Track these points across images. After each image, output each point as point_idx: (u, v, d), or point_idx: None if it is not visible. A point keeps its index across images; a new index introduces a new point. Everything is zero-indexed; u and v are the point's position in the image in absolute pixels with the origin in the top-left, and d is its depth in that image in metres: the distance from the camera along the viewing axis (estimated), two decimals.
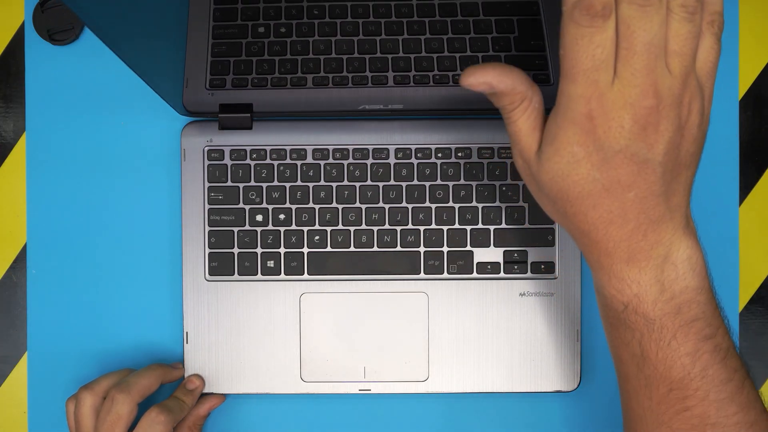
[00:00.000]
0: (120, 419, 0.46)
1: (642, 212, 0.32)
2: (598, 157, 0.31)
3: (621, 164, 0.31)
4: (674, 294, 0.34)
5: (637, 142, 0.31)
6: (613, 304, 0.35)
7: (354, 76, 0.49)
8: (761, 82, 0.53)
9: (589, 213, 0.33)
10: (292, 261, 0.51)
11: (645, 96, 0.30)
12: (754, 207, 0.53)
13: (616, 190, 0.32)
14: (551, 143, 0.32)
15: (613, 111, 0.30)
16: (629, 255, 0.33)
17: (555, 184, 0.33)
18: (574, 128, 0.31)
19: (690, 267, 0.34)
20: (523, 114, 0.34)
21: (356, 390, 0.51)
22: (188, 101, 0.50)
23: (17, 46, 0.54)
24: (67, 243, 0.53)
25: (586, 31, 0.29)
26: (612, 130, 0.30)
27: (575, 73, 0.30)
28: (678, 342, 0.34)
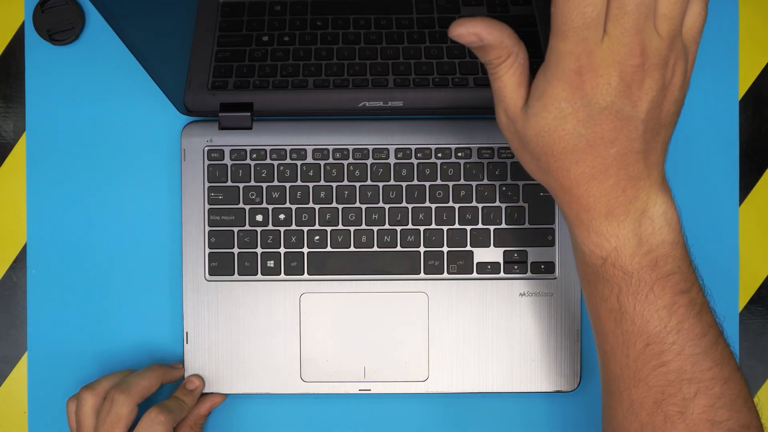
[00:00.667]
0: (120, 420, 0.46)
1: (622, 168, 0.33)
2: (585, 113, 0.32)
3: (605, 120, 0.32)
4: (651, 247, 0.35)
5: (622, 99, 0.31)
6: (591, 259, 0.36)
7: (354, 79, 0.49)
8: (761, 82, 0.53)
9: (572, 168, 0.34)
10: (292, 261, 0.51)
11: (633, 55, 0.30)
12: (754, 207, 0.53)
13: (599, 146, 0.33)
14: (539, 99, 0.33)
15: (602, 68, 0.31)
16: (608, 210, 0.34)
17: (540, 139, 0.34)
18: (562, 84, 0.32)
19: (666, 221, 0.35)
20: (509, 69, 0.34)
21: (356, 390, 0.51)
22: (189, 100, 0.50)
23: (17, 46, 0.54)
24: (67, 243, 0.53)
25: None
26: (599, 87, 0.31)
27: (565, 30, 0.30)
28: (655, 295, 0.35)
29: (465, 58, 0.49)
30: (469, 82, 0.49)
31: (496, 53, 0.33)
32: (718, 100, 0.53)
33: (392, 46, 0.49)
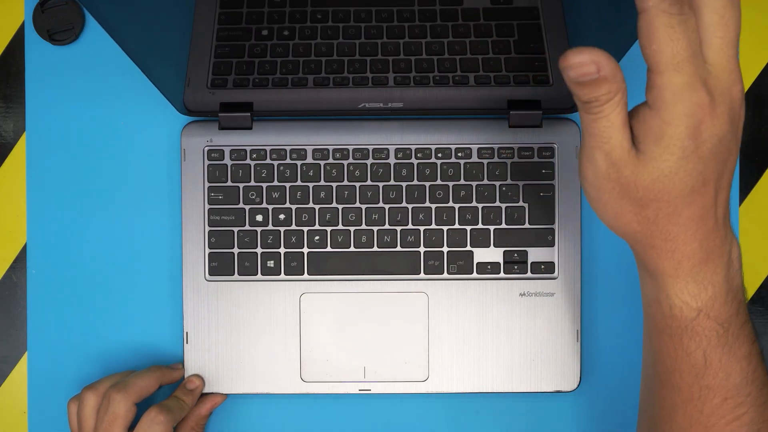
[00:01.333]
0: (117, 418, 0.46)
1: (720, 206, 0.33)
2: (706, 148, 0.31)
3: (720, 153, 0.31)
4: (735, 293, 0.34)
5: (732, 127, 0.31)
6: (683, 312, 0.34)
7: (355, 77, 0.49)
8: (761, 82, 0.53)
9: (684, 211, 0.32)
10: (292, 261, 0.51)
11: (736, 81, 0.30)
12: (754, 207, 0.53)
13: (710, 182, 0.32)
14: (657, 142, 0.31)
15: (719, 96, 0.30)
16: (707, 254, 0.33)
17: (658, 185, 0.32)
18: (686, 121, 0.30)
19: (740, 265, 0.34)
20: (618, 106, 0.31)
21: (356, 390, 0.51)
22: (189, 99, 0.50)
23: (17, 46, 0.54)
24: (67, 243, 0.53)
25: (676, 19, 0.29)
26: (720, 116, 0.30)
27: (678, 62, 0.29)
28: (738, 344, 0.34)
29: (466, 55, 0.49)
30: (470, 81, 0.49)
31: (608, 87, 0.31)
32: None
33: (393, 41, 0.49)
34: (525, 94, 0.49)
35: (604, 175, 0.33)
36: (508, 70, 0.48)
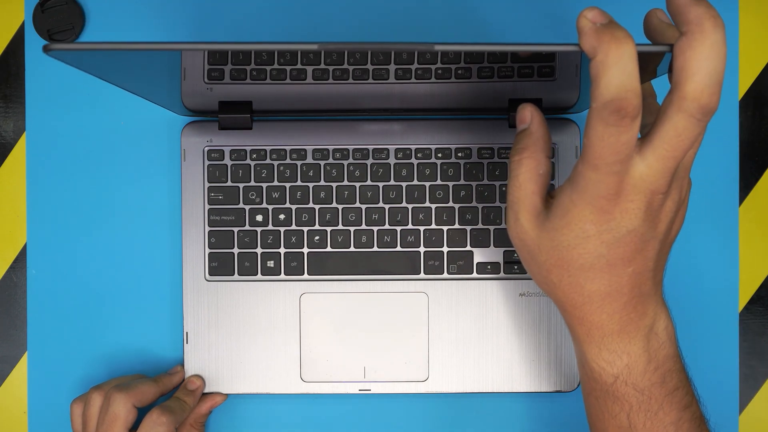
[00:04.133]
0: (117, 418, 0.46)
1: (636, 286, 0.33)
2: (610, 236, 0.32)
3: (629, 243, 0.32)
4: (659, 363, 0.35)
5: (646, 222, 0.31)
6: (602, 377, 0.35)
7: (355, 70, 0.49)
8: (761, 82, 0.53)
9: (586, 285, 0.33)
10: (292, 261, 0.51)
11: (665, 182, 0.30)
12: (754, 207, 0.53)
13: (617, 265, 0.32)
14: (562, 216, 0.32)
15: (632, 194, 0.31)
16: (620, 327, 0.34)
17: (557, 253, 0.33)
18: (590, 208, 0.31)
19: (668, 336, 0.35)
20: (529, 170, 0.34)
21: (356, 390, 0.51)
22: (187, 95, 0.50)
23: (17, 46, 0.54)
24: (67, 243, 0.53)
25: (614, 129, 0.29)
26: (628, 212, 0.31)
27: (597, 164, 0.30)
28: (664, 412, 0.35)
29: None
30: (473, 74, 0.49)
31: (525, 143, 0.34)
32: None
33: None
34: (528, 89, 0.49)
35: (516, 235, 0.35)
36: (513, 60, 0.48)
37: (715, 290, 0.53)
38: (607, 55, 0.27)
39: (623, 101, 0.28)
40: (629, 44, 0.27)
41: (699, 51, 0.27)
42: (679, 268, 0.53)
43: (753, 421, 0.53)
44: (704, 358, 0.53)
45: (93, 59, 0.32)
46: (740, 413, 0.53)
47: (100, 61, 0.33)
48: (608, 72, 0.27)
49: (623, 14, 0.48)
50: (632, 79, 0.28)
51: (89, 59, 0.32)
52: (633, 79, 0.28)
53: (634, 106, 0.28)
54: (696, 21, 0.28)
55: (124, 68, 0.36)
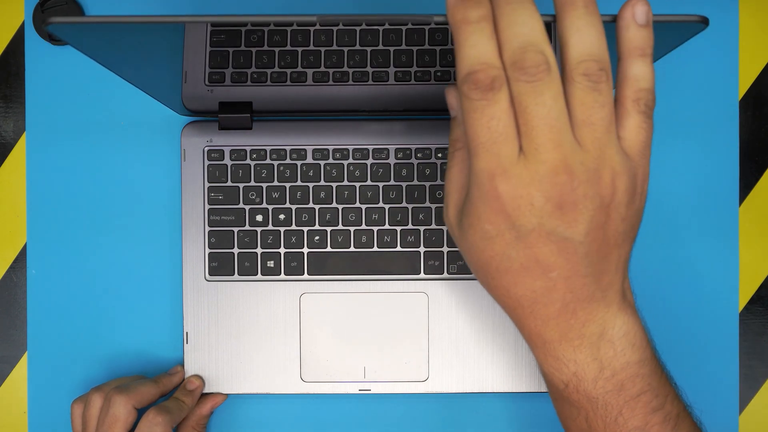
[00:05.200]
0: (117, 420, 0.46)
1: (569, 291, 0.31)
2: (511, 235, 0.29)
3: (537, 242, 0.29)
4: (615, 371, 0.32)
5: (552, 219, 0.29)
6: (553, 381, 0.34)
7: (354, 72, 0.49)
8: (761, 82, 0.53)
9: (512, 289, 0.31)
10: (292, 261, 0.51)
11: (555, 172, 0.28)
12: (754, 207, 0.53)
13: (535, 269, 0.30)
14: (467, 215, 0.31)
15: (520, 188, 0.28)
16: (560, 334, 0.32)
17: (473, 255, 0.32)
18: (483, 206, 0.29)
19: (628, 342, 0.32)
20: (459, 163, 0.32)
21: (356, 390, 0.51)
22: (187, 97, 0.50)
23: (17, 46, 0.54)
24: (67, 243, 0.53)
25: (477, 104, 0.28)
26: (521, 208, 0.29)
27: (475, 146, 0.28)
28: (624, 418, 0.33)
29: None
30: None
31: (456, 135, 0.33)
32: (718, 100, 0.53)
33: (395, 29, 0.48)
34: None
35: (448, 230, 0.34)
36: None
37: (715, 290, 0.53)
38: (457, 34, 0.27)
39: (477, 74, 0.27)
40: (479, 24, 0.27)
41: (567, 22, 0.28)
42: (679, 268, 0.53)
43: (753, 421, 0.53)
44: (704, 358, 0.53)
45: (94, 36, 0.31)
46: (740, 413, 0.53)
47: (101, 39, 0.33)
48: (459, 50, 0.27)
49: None
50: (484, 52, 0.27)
51: (90, 37, 0.31)
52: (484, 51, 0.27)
53: (489, 78, 0.27)
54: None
55: (126, 49, 0.36)
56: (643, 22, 0.28)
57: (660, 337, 0.53)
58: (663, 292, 0.53)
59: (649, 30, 0.28)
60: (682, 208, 0.53)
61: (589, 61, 0.27)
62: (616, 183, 0.29)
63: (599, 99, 0.28)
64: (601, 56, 0.28)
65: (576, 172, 0.28)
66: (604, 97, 0.28)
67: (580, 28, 0.27)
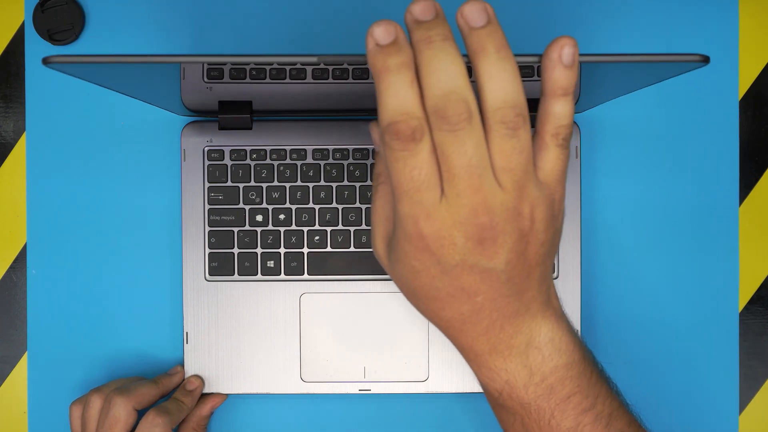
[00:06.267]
0: (117, 422, 0.46)
1: (494, 310, 0.32)
2: (437, 269, 0.31)
3: (461, 275, 0.31)
4: (544, 376, 0.34)
5: (474, 255, 0.30)
6: (488, 390, 0.36)
7: (354, 69, 0.49)
8: (761, 82, 0.53)
9: (441, 313, 0.33)
10: (292, 261, 0.51)
11: (475, 214, 0.29)
12: (754, 207, 0.53)
13: (461, 296, 0.31)
14: (393, 251, 0.32)
15: (443, 230, 0.29)
16: (491, 347, 0.33)
17: (402, 284, 0.33)
18: (408, 245, 0.31)
19: (554, 348, 0.34)
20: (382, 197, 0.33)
21: (356, 390, 0.51)
22: (186, 95, 0.50)
23: (17, 46, 0.54)
24: (67, 243, 0.53)
25: (399, 154, 0.28)
26: (445, 248, 0.30)
27: (399, 193, 0.29)
28: (557, 420, 0.34)
29: None
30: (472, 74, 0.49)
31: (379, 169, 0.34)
32: (718, 100, 0.53)
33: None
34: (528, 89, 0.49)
35: (376, 258, 0.35)
36: None
37: (715, 290, 0.53)
38: (378, 83, 0.27)
39: (398, 124, 0.27)
40: (399, 72, 0.27)
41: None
42: (679, 268, 0.53)
43: (753, 421, 0.53)
44: (704, 358, 0.53)
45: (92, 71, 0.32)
46: (740, 413, 0.53)
47: (99, 72, 0.33)
48: (381, 99, 0.27)
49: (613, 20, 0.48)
50: (405, 101, 0.27)
51: (88, 70, 0.32)
52: (404, 100, 0.27)
53: (410, 128, 0.27)
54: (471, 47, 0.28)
55: (124, 77, 0.36)
56: (569, 63, 0.28)
57: (660, 337, 0.53)
58: (663, 292, 0.53)
59: (573, 70, 0.29)
60: (682, 208, 0.53)
61: (505, 108, 0.28)
62: (535, 214, 0.30)
63: (517, 146, 0.28)
64: (516, 101, 0.28)
65: (496, 213, 0.29)
66: (521, 143, 0.28)
67: (494, 75, 0.27)
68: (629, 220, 0.53)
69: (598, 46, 0.53)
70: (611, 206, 0.53)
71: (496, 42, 0.27)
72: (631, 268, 0.53)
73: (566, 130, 0.30)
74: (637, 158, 0.53)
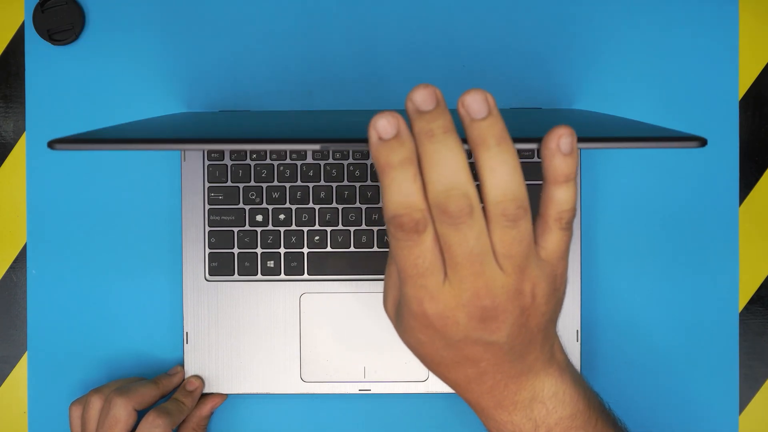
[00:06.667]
0: (117, 422, 0.46)
1: (498, 372, 0.33)
2: (441, 343, 0.32)
3: (465, 347, 0.32)
4: (549, 427, 0.35)
5: (477, 331, 0.31)
6: None
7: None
8: (761, 82, 0.53)
9: (447, 375, 0.34)
10: (292, 261, 0.51)
11: (478, 297, 0.30)
12: (754, 207, 0.53)
13: (466, 363, 0.33)
14: (401, 321, 0.33)
15: (447, 311, 0.30)
16: (495, 403, 0.34)
17: (410, 348, 0.34)
18: (413, 321, 0.31)
19: (558, 401, 0.35)
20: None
21: (356, 390, 0.51)
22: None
23: (17, 46, 0.54)
24: (67, 243, 0.53)
25: (403, 243, 0.29)
26: (448, 326, 0.31)
27: (404, 277, 0.30)
28: None
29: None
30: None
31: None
32: (718, 100, 0.53)
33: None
34: None
35: (389, 319, 0.36)
36: None
37: (715, 290, 0.53)
38: (382, 177, 0.28)
39: (401, 217, 0.28)
40: (402, 167, 0.28)
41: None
42: (679, 267, 0.53)
43: (753, 421, 0.53)
44: (704, 358, 0.53)
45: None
46: (740, 413, 0.53)
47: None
48: (385, 192, 0.28)
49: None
50: (408, 196, 0.28)
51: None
52: (407, 195, 0.28)
53: (414, 220, 0.28)
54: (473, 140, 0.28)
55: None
56: (568, 152, 0.29)
57: (660, 337, 0.53)
58: (663, 292, 0.53)
59: (573, 157, 0.29)
60: (683, 208, 0.53)
61: (506, 202, 0.28)
62: (536, 291, 0.31)
63: (518, 236, 0.29)
64: (516, 194, 0.29)
65: (497, 295, 0.30)
66: (522, 233, 0.29)
67: (494, 168, 0.28)
68: (629, 220, 0.53)
69: (597, 46, 0.53)
70: (611, 206, 0.53)
71: (497, 134, 0.28)
72: (630, 267, 0.53)
73: (569, 215, 0.31)
74: (637, 158, 0.53)
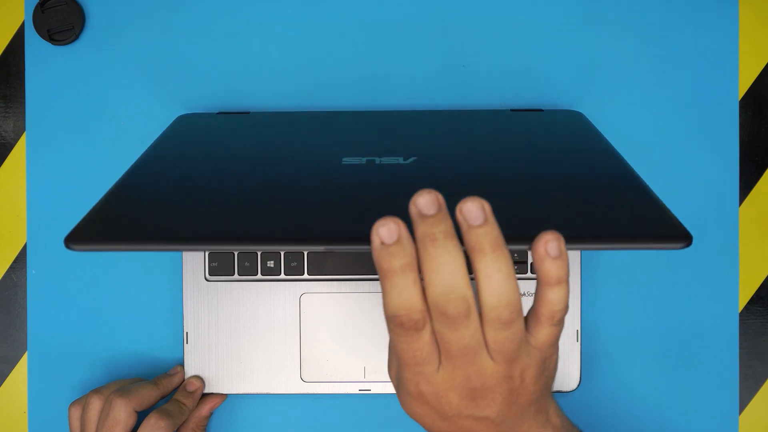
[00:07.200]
0: (118, 423, 0.46)
1: None
2: (436, 416, 0.34)
3: (459, 420, 0.34)
4: None
5: (468, 409, 0.33)
6: None
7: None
8: (761, 82, 0.53)
9: None
10: (292, 261, 0.51)
11: (469, 380, 0.32)
12: (754, 207, 0.53)
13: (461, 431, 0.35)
14: (400, 392, 0.35)
15: (441, 391, 0.33)
16: None
17: (410, 416, 0.36)
18: (410, 398, 0.34)
19: None
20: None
21: (356, 390, 0.51)
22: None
23: (17, 46, 0.54)
24: None
25: (402, 338, 0.31)
26: (442, 404, 0.33)
27: (402, 364, 0.32)
28: None
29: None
30: None
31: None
32: (718, 100, 0.53)
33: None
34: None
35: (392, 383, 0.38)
36: None
37: (715, 290, 0.53)
38: (383, 280, 0.29)
39: (401, 318, 0.30)
40: (403, 273, 0.29)
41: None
42: (679, 267, 0.53)
43: (753, 421, 0.53)
44: (704, 358, 0.53)
45: None
46: (740, 413, 0.53)
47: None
48: (385, 294, 0.30)
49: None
50: (408, 300, 0.29)
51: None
52: (407, 298, 0.29)
53: (413, 321, 0.30)
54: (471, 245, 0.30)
55: None
56: (556, 255, 0.30)
57: (660, 336, 0.53)
58: (663, 292, 0.53)
59: (563, 259, 0.30)
60: (683, 208, 0.53)
61: (500, 307, 0.30)
62: (525, 375, 0.33)
63: (510, 336, 0.31)
64: (510, 299, 0.30)
65: (488, 380, 0.32)
66: (515, 333, 0.31)
67: (490, 275, 0.29)
68: None
69: (597, 46, 0.53)
70: None
71: (492, 241, 0.29)
72: (630, 267, 0.53)
73: (561, 313, 0.32)
74: (637, 158, 0.53)
